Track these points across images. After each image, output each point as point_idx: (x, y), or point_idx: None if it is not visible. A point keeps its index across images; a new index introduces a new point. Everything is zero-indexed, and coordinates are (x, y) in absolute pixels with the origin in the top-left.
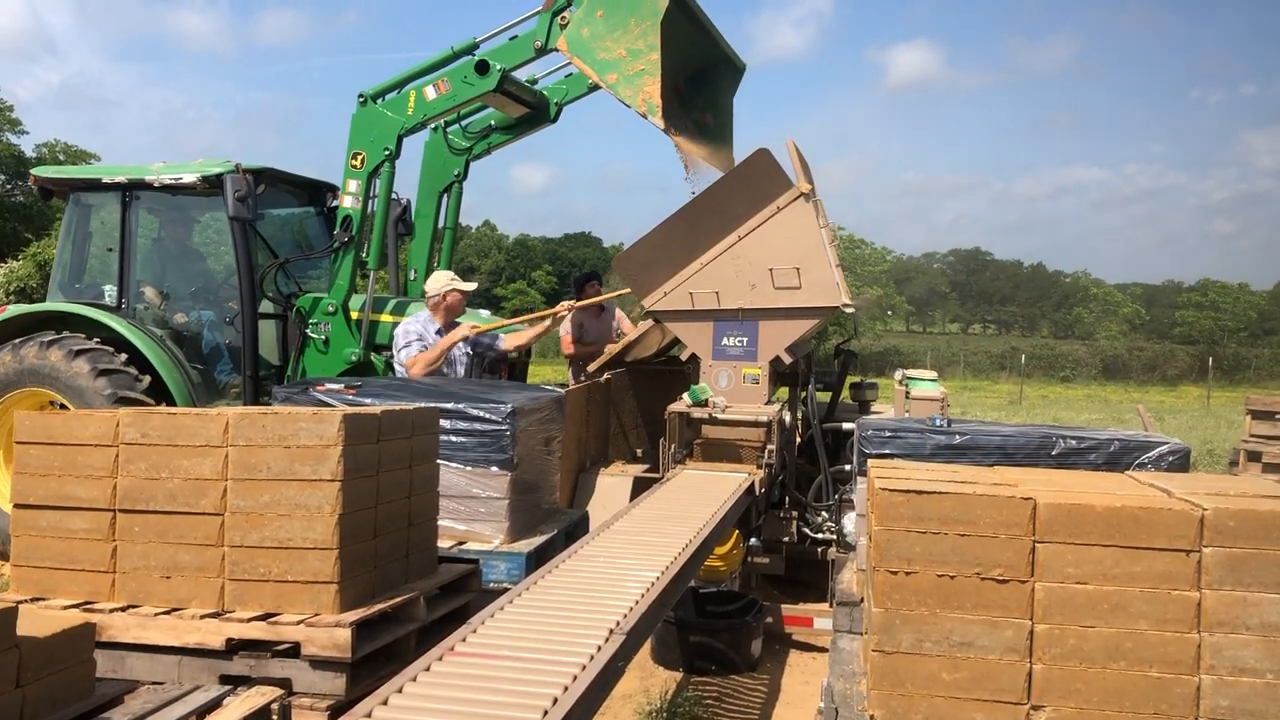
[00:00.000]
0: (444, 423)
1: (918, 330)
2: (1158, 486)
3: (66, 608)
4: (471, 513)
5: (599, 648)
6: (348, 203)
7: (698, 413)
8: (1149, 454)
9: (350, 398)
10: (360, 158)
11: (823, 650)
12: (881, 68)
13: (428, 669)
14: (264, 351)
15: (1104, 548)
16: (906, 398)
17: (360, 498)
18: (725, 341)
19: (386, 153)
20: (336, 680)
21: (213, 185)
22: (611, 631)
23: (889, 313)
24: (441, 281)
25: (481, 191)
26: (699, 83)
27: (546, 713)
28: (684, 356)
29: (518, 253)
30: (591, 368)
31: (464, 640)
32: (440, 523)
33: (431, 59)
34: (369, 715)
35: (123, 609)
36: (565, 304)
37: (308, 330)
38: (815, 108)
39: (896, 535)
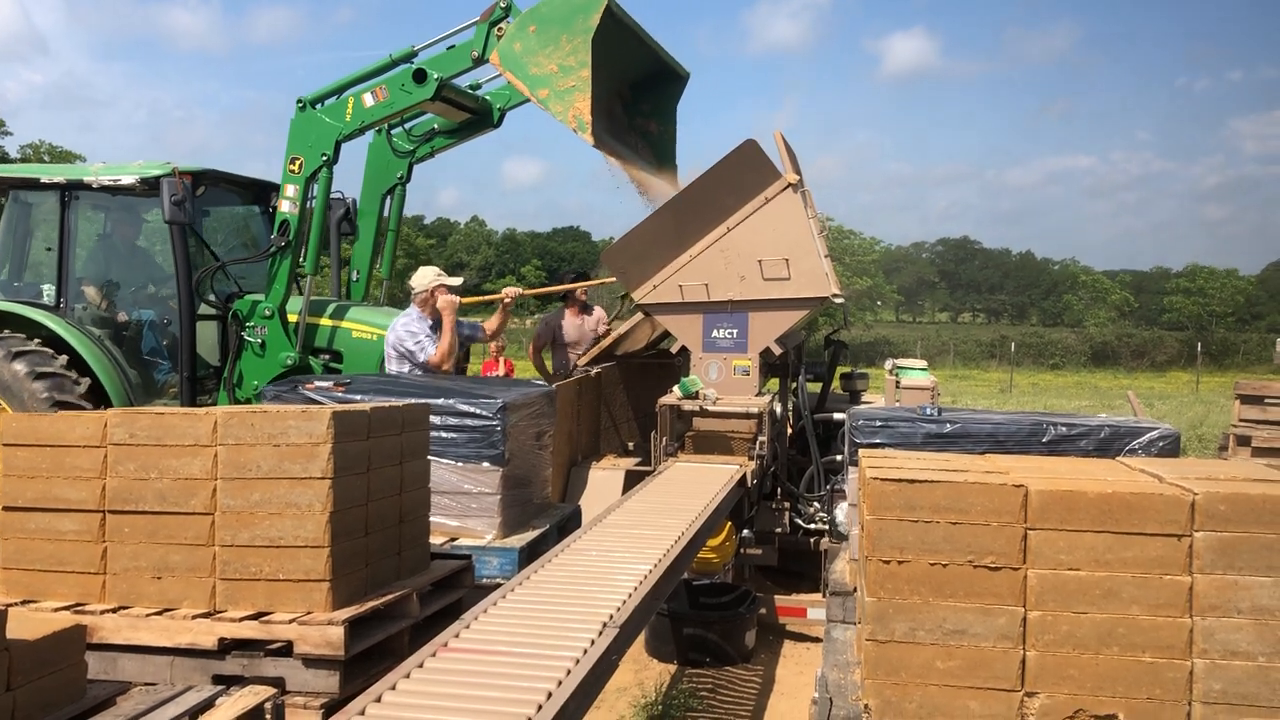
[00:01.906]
0: (435, 419)
1: (907, 320)
2: (1148, 472)
3: (57, 610)
4: (464, 508)
5: (593, 641)
6: (285, 207)
7: (688, 405)
8: (1139, 439)
9: (340, 395)
10: (298, 163)
11: (816, 640)
12: (877, 57)
13: (421, 665)
14: (204, 352)
15: (1095, 534)
16: (897, 387)
17: (351, 495)
18: (715, 333)
19: (324, 158)
20: (330, 678)
21: (152, 187)
22: (605, 625)
23: (878, 303)
24: (428, 277)
25: (472, 187)
26: (643, 90)
27: (541, 707)
28: (674, 349)
29: (506, 248)
30: (582, 361)
31: (457, 636)
32: (432, 519)
33: (370, 65)
34: (363, 713)
35: (113, 610)
36: (570, 284)
37: (244, 333)
38: (809, 98)
39: (889, 524)
